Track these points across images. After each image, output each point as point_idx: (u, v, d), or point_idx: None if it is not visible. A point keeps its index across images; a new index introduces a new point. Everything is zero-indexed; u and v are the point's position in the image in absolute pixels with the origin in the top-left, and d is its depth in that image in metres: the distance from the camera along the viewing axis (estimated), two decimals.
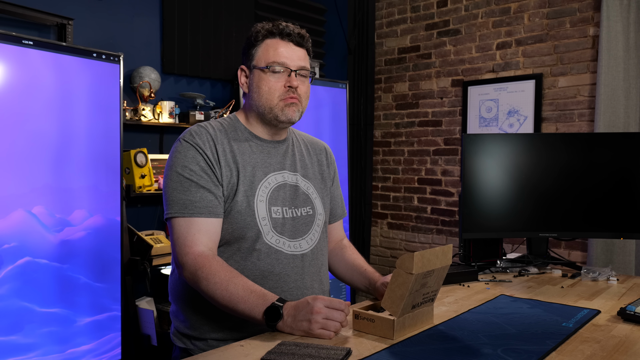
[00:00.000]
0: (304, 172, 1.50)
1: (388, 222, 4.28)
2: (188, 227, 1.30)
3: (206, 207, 1.31)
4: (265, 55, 1.39)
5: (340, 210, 1.64)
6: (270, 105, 1.39)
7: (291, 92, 1.38)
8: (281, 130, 1.47)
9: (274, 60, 1.38)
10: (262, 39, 1.40)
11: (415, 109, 4.10)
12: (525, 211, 2.06)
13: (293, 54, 1.39)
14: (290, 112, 1.39)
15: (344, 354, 1.07)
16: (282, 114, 1.39)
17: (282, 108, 1.38)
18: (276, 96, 1.38)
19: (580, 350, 1.17)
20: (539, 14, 3.44)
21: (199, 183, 1.32)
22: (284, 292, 1.35)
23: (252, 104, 1.42)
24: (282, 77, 1.38)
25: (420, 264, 1.17)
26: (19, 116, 2.09)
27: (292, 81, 1.38)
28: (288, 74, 1.38)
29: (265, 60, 1.38)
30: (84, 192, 2.31)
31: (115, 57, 2.43)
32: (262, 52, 1.39)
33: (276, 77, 1.38)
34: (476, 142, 2.03)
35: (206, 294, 1.26)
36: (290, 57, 1.39)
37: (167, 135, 3.14)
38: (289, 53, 1.39)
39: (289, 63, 1.38)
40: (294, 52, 1.40)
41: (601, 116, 3.05)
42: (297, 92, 1.39)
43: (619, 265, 3.00)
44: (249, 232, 1.34)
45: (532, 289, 1.74)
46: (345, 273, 1.57)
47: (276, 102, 1.38)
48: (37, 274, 2.13)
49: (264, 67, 1.38)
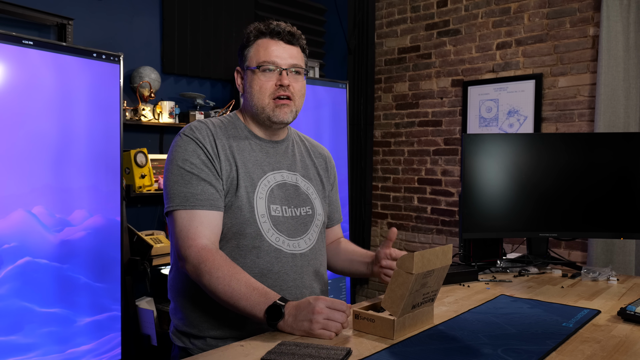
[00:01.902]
0: (304, 173, 1.50)
1: (388, 222, 4.27)
2: (190, 219, 1.30)
3: (207, 199, 1.31)
4: (256, 56, 1.40)
5: (338, 215, 1.66)
6: (262, 105, 1.39)
7: (282, 90, 1.38)
8: (278, 131, 1.47)
9: (264, 59, 1.38)
10: (254, 40, 1.41)
11: (415, 109, 4.10)
12: (525, 211, 2.06)
13: (284, 53, 1.40)
14: (281, 114, 1.39)
15: (344, 354, 1.07)
16: (274, 115, 1.39)
17: (273, 109, 1.39)
18: (267, 95, 1.38)
19: (580, 351, 1.17)
20: (539, 14, 3.44)
21: (200, 176, 1.32)
22: (282, 291, 1.35)
23: (246, 104, 1.44)
24: (273, 76, 1.39)
25: (420, 264, 1.17)
26: (19, 116, 2.09)
27: (282, 79, 1.38)
28: (279, 72, 1.39)
29: (257, 60, 1.39)
30: (84, 192, 2.31)
31: (115, 57, 2.43)
32: (254, 52, 1.40)
33: (267, 77, 1.39)
34: (476, 142, 2.03)
35: (208, 288, 1.25)
36: (280, 55, 1.39)
37: (167, 135, 3.14)
38: (280, 52, 1.39)
39: (279, 62, 1.39)
40: (285, 50, 1.40)
41: (601, 116, 3.05)
42: (290, 90, 1.39)
43: (619, 265, 3.00)
44: (248, 229, 1.34)
45: (532, 289, 1.74)
46: (345, 263, 1.58)
47: (267, 101, 1.38)
48: (37, 274, 2.13)
49: (254, 68, 1.39)
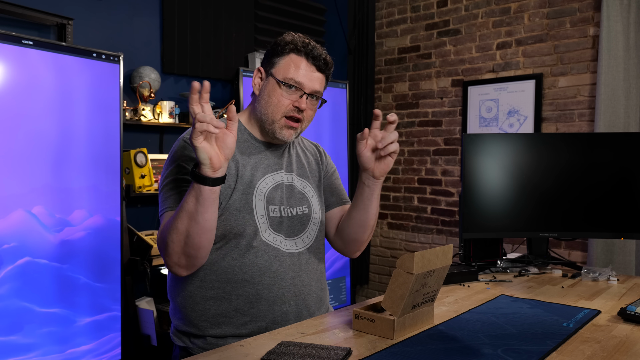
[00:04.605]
0: (300, 172, 1.51)
1: (388, 222, 4.27)
2: None
3: None
4: (285, 69, 1.38)
5: (344, 195, 1.59)
6: (272, 119, 1.39)
7: (296, 113, 1.38)
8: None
9: (292, 77, 1.37)
10: (289, 52, 1.39)
11: (415, 109, 4.10)
12: (526, 211, 2.06)
13: (312, 77, 1.39)
14: (287, 135, 1.40)
15: (344, 354, 1.07)
16: (280, 133, 1.39)
17: (282, 126, 1.39)
18: (281, 111, 1.38)
19: (580, 351, 1.16)
20: (539, 13, 3.44)
21: None
22: (281, 290, 1.36)
23: (257, 108, 1.43)
24: (293, 95, 1.38)
25: (420, 264, 1.17)
26: (19, 116, 2.09)
27: (301, 103, 1.38)
28: (300, 94, 1.38)
29: (284, 74, 1.38)
30: (84, 192, 2.31)
31: (115, 57, 2.43)
32: (284, 64, 1.39)
33: (287, 94, 1.38)
34: (476, 142, 2.03)
35: (176, 236, 1.21)
36: (309, 78, 1.39)
37: (167, 135, 3.15)
38: (309, 75, 1.39)
39: (305, 84, 1.38)
40: (314, 76, 1.40)
41: (601, 116, 3.05)
42: (303, 114, 1.40)
43: (619, 265, 3.00)
44: (247, 229, 1.35)
45: (532, 289, 1.74)
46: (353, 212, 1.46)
47: (279, 117, 1.38)
48: (37, 274, 2.13)
49: (280, 80, 1.38)
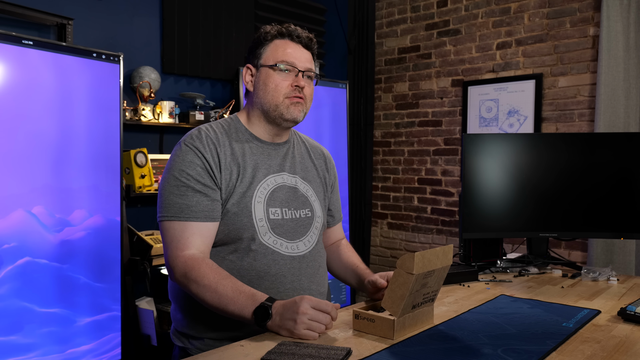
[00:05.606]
0: (303, 175, 1.50)
1: (388, 222, 4.27)
2: (182, 230, 1.30)
3: (202, 211, 1.31)
4: (274, 54, 1.41)
5: (338, 214, 1.67)
6: (276, 103, 1.40)
7: (297, 91, 1.40)
8: (283, 132, 1.47)
9: (283, 59, 1.40)
10: (271, 39, 1.42)
11: (415, 109, 4.10)
12: (526, 211, 2.06)
13: (301, 55, 1.42)
14: (295, 111, 1.40)
15: (344, 354, 1.07)
16: (287, 112, 1.40)
17: (287, 106, 1.40)
18: (282, 94, 1.39)
19: (580, 351, 1.16)
20: (539, 13, 3.44)
21: (195, 188, 1.32)
22: (280, 293, 1.35)
23: (256, 102, 1.43)
24: (289, 77, 1.40)
25: (420, 264, 1.17)
26: (19, 116, 2.09)
27: (299, 81, 1.40)
28: (295, 74, 1.40)
29: (274, 59, 1.40)
30: (84, 192, 2.31)
31: (115, 57, 2.43)
32: (271, 51, 1.41)
33: (283, 76, 1.40)
34: (476, 142, 2.03)
35: (197, 296, 1.27)
36: (298, 57, 1.41)
37: (167, 135, 3.14)
38: (298, 54, 1.42)
39: (297, 63, 1.40)
40: (302, 53, 1.43)
41: (601, 116, 3.05)
42: (303, 93, 1.41)
43: (619, 265, 3.00)
44: (245, 233, 1.34)
45: (532, 289, 1.74)
46: (340, 271, 1.61)
47: (282, 99, 1.39)
48: (37, 274, 2.13)
49: (272, 65, 1.39)
